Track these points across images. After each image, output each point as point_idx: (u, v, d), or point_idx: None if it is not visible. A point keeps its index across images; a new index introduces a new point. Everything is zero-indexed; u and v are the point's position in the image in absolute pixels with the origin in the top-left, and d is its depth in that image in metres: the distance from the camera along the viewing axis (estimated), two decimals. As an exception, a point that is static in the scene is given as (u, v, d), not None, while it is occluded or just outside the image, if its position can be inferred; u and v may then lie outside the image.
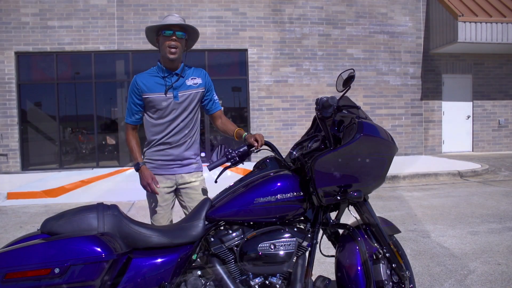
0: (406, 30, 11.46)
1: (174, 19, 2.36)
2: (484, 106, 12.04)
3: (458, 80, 11.90)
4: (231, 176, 2.56)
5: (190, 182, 2.52)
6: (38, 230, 1.80)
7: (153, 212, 2.52)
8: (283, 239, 1.89)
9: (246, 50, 10.82)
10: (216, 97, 2.62)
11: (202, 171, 2.62)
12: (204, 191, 2.55)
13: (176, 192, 2.55)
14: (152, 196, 2.49)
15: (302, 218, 2.06)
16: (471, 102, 12.02)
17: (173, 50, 2.35)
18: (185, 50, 2.48)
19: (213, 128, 10.82)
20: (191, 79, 2.48)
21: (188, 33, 2.43)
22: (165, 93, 2.40)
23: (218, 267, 1.90)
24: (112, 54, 10.59)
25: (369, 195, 2.11)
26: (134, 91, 2.42)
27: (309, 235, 1.98)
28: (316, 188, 1.89)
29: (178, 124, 2.45)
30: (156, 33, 2.41)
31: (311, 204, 2.00)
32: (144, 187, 2.40)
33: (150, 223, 2.52)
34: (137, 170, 2.42)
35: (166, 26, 2.35)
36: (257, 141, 2.19)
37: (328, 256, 2.26)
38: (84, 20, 10.27)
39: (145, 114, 2.49)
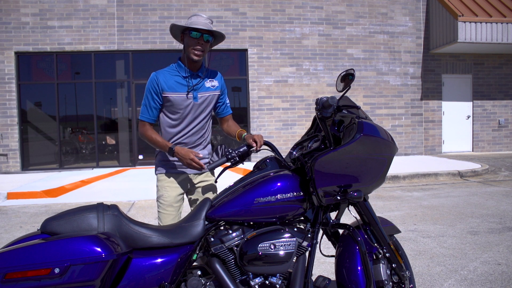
0: (406, 30, 11.46)
1: (203, 21, 2.31)
2: (484, 106, 12.04)
3: (458, 80, 11.90)
4: (231, 176, 2.56)
5: (204, 180, 2.52)
6: (38, 230, 1.80)
7: (163, 212, 2.45)
8: (283, 239, 1.89)
9: (246, 50, 10.82)
10: (228, 101, 2.62)
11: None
12: (214, 188, 2.54)
13: (188, 192, 2.54)
14: (163, 196, 2.44)
15: (302, 218, 2.05)
16: (471, 102, 12.02)
17: (198, 52, 2.33)
18: (208, 50, 2.44)
19: (214, 128, 10.81)
20: (209, 81, 2.46)
21: (215, 36, 2.41)
22: (187, 94, 2.38)
23: (218, 267, 1.90)
24: (112, 54, 10.59)
25: (369, 195, 2.10)
26: (154, 88, 2.36)
27: (309, 235, 1.97)
28: (316, 188, 1.89)
29: (196, 125, 2.43)
30: (182, 30, 2.38)
31: (311, 204, 2.00)
32: (189, 165, 2.26)
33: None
34: (173, 154, 2.32)
35: (194, 28, 2.30)
36: (255, 142, 2.19)
37: (328, 256, 2.26)
38: (84, 20, 10.28)
39: (161, 113, 2.44)
